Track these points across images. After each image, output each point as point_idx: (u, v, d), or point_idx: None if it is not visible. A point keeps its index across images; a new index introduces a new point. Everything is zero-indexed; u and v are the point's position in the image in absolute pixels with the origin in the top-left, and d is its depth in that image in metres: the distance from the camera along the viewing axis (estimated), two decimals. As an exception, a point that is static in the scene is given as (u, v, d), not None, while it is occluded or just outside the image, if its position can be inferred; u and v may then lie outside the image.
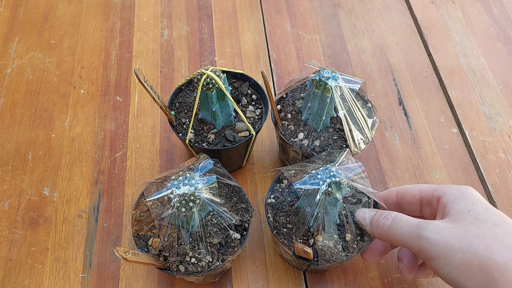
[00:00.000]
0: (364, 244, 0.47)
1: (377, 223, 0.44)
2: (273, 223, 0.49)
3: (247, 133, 0.55)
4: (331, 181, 0.42)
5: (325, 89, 0.50)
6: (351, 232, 0.47)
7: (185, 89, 0.58)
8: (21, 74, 0.72)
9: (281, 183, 0.52)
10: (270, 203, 0.50)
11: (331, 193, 0.42)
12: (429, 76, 0.71)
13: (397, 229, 0.41)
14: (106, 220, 0.57)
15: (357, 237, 0.47)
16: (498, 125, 0.65)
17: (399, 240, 0.41)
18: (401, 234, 0.41)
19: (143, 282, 0.53)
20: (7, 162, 0.63)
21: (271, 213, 0.49)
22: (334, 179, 0.42)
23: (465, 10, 0.79)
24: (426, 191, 0.44)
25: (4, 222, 0.57)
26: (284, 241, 0.47)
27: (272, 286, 0.53)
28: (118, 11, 0.80)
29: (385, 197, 0.48)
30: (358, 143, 0.53)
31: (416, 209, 0.46)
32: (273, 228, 0.48)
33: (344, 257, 0.46)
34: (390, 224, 0.42)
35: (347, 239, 0.47)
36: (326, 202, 0.43)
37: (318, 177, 0.43)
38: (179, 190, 0.42)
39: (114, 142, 0.64)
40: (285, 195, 0.51)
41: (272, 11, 0.79)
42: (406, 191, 0.46)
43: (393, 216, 0.43)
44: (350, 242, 0.47)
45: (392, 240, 0.42)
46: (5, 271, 0.54)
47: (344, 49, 0.74)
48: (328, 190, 0.42)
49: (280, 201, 0.50)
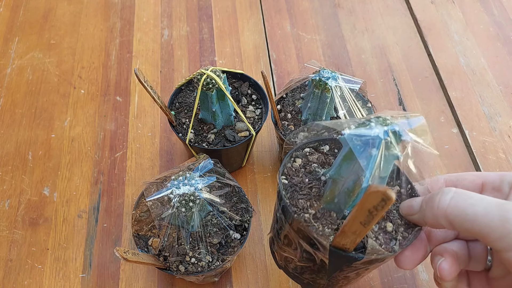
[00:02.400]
0: (409, 236, 0.36)
1: (432, 203, 0.34)
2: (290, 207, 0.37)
3: (247, 133, 0.55)
4: (390, 129, 0.31)
5: (325, 89, 0.50)
6: (392, 220, 0.37)
7: (185, 89, 0.58)
8: (21, 74, 0.72)
9: (294, 162, 0.41)
10: (284, 184, 0.39)
11: (390, 146, 0.31)
12: (429, 76, 0.71)
13: (467, 207, 0.31)
14: (106, 220, 0.57)
15: (399, 228, 0.37)
16: (498, 125, 0.65)
17: (471, 221, 0.31)
18: (475, 214, 0.31)
19: (143, 282, 0.53)
20: (7, 162, 0.63)
21: (286, 196, 0.38)
22: (393, 128, 0.31)
23: (465, 10, 0.79)
24: (490, 176, 0.36)
25: (4, 222, 0.57)
26: (318, 229, 0.35)
27: (272, 286, 0.53)
28: (118, 11, 0.80)
29: (427, 188, 0.39)
30: (358, 143, 0.52)
31: None
32: (297, 211, 0.36)
33: (387, 252, 0.35)
34: (453, 200, 0.32)
35: (388, 230, 0.36)
36: (382, 160, 0.31)
37: (372, 125, 0.31)
38: (179, 190, 0.42)
39: (114, 142, 0.64)
40: (301, 175, 0.39)
41: (272, 11, 0.79)
42: (461, 177, 0.37)
43: (454, 190, 0.33)
44: (392, 233, 0.36)
45: (456, 222, 0.32)
46: (5, 271, 0.54)
47: (344, 49, 0.74)
48: (388, 140, 0.31)
49: (296, 182, 0.39)
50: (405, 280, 0.52)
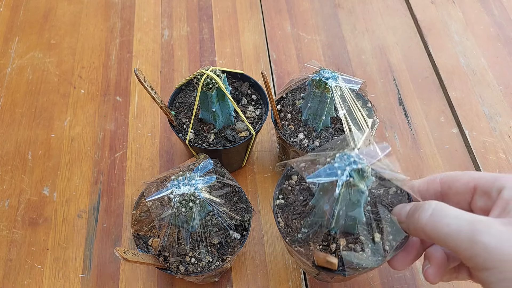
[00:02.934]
0: (397, 245, 0.39)
1: (413, 217, 0.36)
2: (284, 229, 0.41)
3: (247, 133, 0.55)
4: (351, 169, 0.34)
5: (325, 89, 0.50)
6: (381, 231, 0.39)
7: (185, 89, 0.58)
8: (21, 74, 0.72)
9: (289, 179, 0.45)
10: (279, 205, 0.42)
11: (354, 184, 0.34)
12: (429, 76, 0.71)
13: (442, 227, 0.33)
14: (106, 220, 0.57)
15: (388, 237, 0.39)
16: (498, 125, 0.65)
17: (443, 240, 0.33)
18: (447, 234, 0.33)
19: (143, 282, 0.53)
20: (7, 162, 0.63)
21: (282, 217, 0.42)
22: (356, 167, 0.34)
23: (465, 10, 0.79)
24: (484, 179, 0.36)
25: (4, 222, 0.57)
26: (300, 249, 0.39)
27: (272, 286, 0.53)
28: (118, 11, 0.80)
29: (424, 187, 0.40)
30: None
31: (466, 200, 0.38)
32: (285, 235, 0.41)
33: (374, 263, 0.38)
34: (429, 217, 0.34)
35: (376, 240, 0.39)
36: (349, 197, 0.35)
37: (336, 166, 0.34)
38: (179, 190, 0.42)
39: (114, 142, 0.64)
40: (296, 193, 0.43)
41: (272, 12, 0.79)
42: (455, 179, 0.38)
43: (433, 207, 0.34)
44: (380, 244, 0.39)
45: (433, 238, 0.34)
46: (4, 271, 0.54)
47: (344, 50, 0.74)
48: (349, 181, 0.34)
49: (291, 201, 0.42)
50: (405, 281, 0.52)
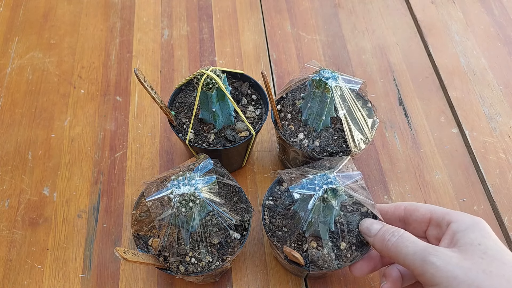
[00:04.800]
0: (358, 254, 0.46)
1: (383, 237, 0.43)
2: (268, 225, 0.49)
3: (247, 133, 0.55)
4: (327, 187, 0.42)
5: (325, 89, 0.50)
6: (347, 241, 0.47)
7: (185, 89, 0.58)
8: (21, 74, 0.72)
9: (281, 185, 0.52)
10: (268, 205, 0.50)
11: (327, 200, 0.42)
12: (429, 76, 0.71)
13: (402, 248, 0.41)
14: (106, 220, 0.57)
15: (352, 247, 0.47)
16: (498, 125, 0.65)
17: (402, 259, 0.41)
18: (406, 254, 0.40)
19: (143, 282, 0.53)
20: (7, 162, 0.63)
21: (268, 215, 0.49)
22: (331, 186, 0.42)
23: (466, 10, 0.79)
24: (437, 213, 0.44)
25: (4, 222, 0.57)
26: (277, 243, 0.47)
27: (272, 286, 0.53)
28: (118, 11, 0.80)
29: (391, 210, 0.48)
30: (358, 143, 0.53)
31: (422, 228, 0.46)
32: (268, 230, 0.48)
33: (336, 266, 0.46)
34: (396, 241, 0.42)
35: (341, 248, 0.47)
36: (321, 209, 0.43)
37: (315, 183, 0.42)
38: (179, 190, 0.42)
39: (114, 142, 0.64)
40: (284, 198, 0.50)
41: (272, 11, 0.79)
42: (416, 209, 0.46)
43: (401, 234, 0.42)
44: (344, 251, 0.46)
45: (394, 257, 0.42)
46: (4, 271, 0.54)
47: (344, 49, 0.74)
48: (323, 196, 0.42)
49: (278, 203, 0.50)
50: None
